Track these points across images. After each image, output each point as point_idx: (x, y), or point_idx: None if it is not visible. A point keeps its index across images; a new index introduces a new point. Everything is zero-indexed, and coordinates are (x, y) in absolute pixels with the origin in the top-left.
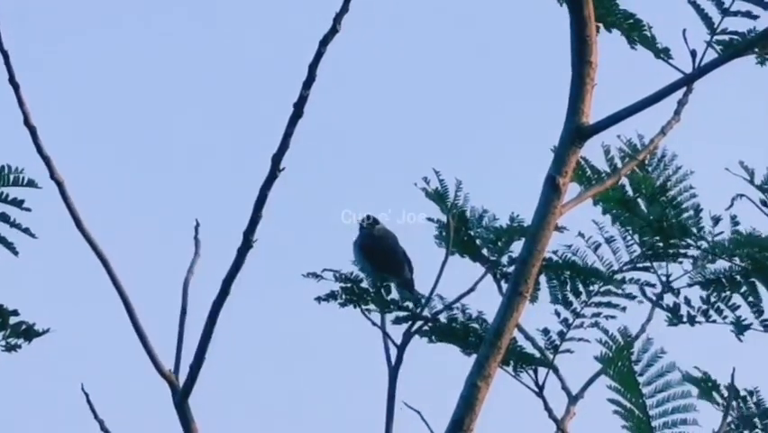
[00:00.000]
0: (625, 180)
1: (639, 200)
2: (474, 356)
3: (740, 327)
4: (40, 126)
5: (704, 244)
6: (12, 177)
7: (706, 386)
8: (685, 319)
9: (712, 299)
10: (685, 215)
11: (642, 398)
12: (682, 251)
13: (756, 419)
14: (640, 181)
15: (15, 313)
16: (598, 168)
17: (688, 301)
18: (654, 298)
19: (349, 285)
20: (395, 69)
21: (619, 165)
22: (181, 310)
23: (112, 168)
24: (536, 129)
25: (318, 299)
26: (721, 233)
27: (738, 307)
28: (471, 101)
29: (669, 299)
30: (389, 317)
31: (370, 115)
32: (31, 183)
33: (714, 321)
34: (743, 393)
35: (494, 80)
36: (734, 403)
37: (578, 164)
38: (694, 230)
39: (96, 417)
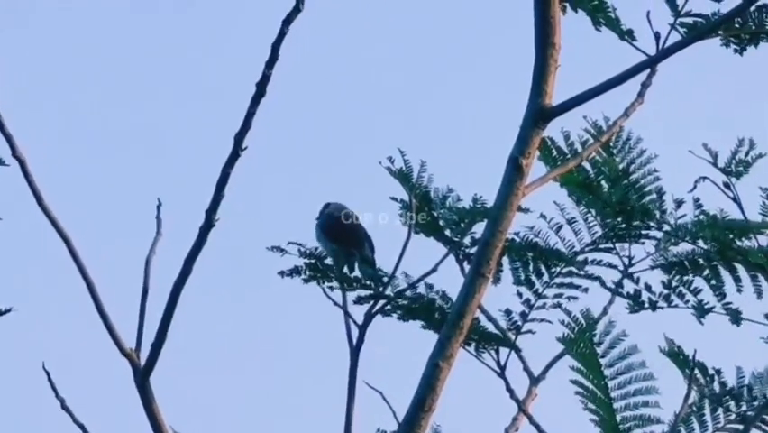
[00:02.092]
0: (587, 166)
1: (602, 183)
2: (436, 334)
3: (701, 311)
4: (1, 104)
5: (666, 227)
6: None
7: (678, 360)
8: (647, 305)
9: (674, 284)
10: (648, 198)
11: (604, 380)
12: (644, 232)
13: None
14: (603, 164)
15: None
16: (564, 149)
17: (648, 287)
18: (614, 285)
19: (313, 261)
20: (358, 48)
21: (580, 148)
22: (143, 289)
23: (74, 146)
24: (500, 110)
25: (282, 273)
26: (684, 216)
27: (700, 291)
28: (435, 82)
29: (629, 286)
30: (351, 296)
31: (333, 95)
32: None
33: (676, 306)
34: (710, 372)
35: (458, 62)
36: (698, 383)
37: (543, 145)
38: (657, 213)
39: (57, 395)
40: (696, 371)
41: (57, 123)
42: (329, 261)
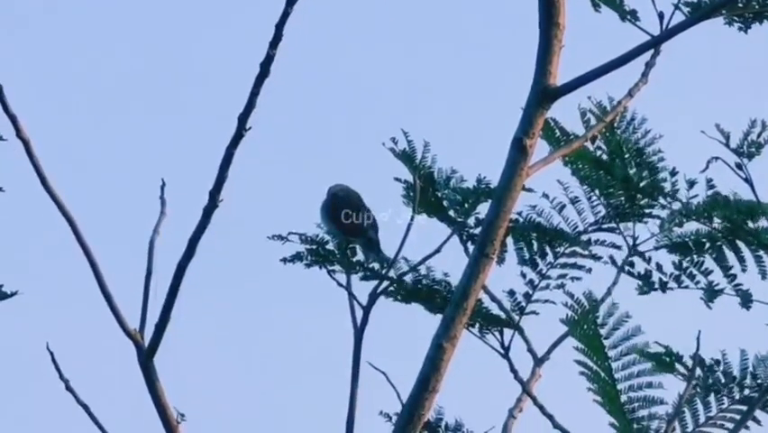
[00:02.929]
0: (600, 145)
1: (614, 162)
2: (439, 316)
3: (711, 294)
4: (6, 84)
5: (677, 205)
6: None
7: (668, 360)
8: (657, 286)
9: (684, 264)
10: (660, 175)
11: (607, 361)
12: (648, 210)
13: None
14: (618, 144)
15: None
16: (567, 129)
17: (659, 267)
18: (623, 263)
19: (314, 247)
20: (363, 28)
21: (591, 125)
22: (147, 270)
23: (79, 127)
24: (504, 90)
25: (284, 260)
26: (696, 196)
27: (711, 272)
28: (439, 63)
29: (639, 266)
30: (357, 275)
31: (337, 76)
32: None
33: (686, 287)
34: (709, 363)
35: (462, 42)
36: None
37: (547, 125)
38: (669, 190)
39: (61, 376)
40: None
41: (62, 103)
42: (331, 245)
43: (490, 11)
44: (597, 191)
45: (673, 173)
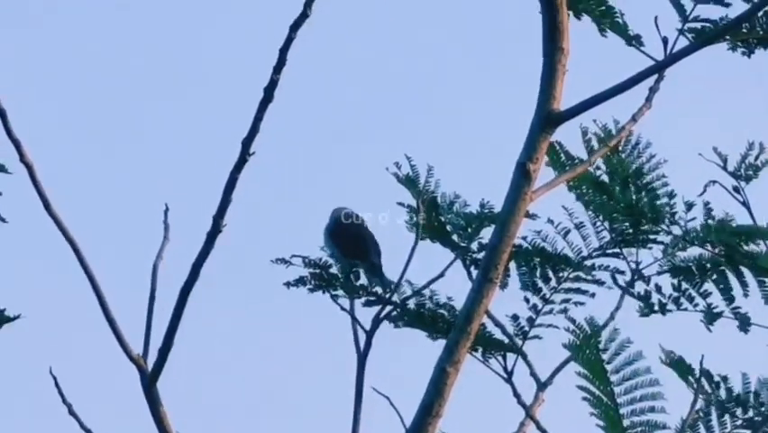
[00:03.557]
0: (600, 165)
1: (614, 185)
2: (442, 341)
3: (711, 316)
4: (9, 110)
5: (677, 230)
6: None
7: (682, 369)
8: (656, 308)
9: (683, 286)
10: (660, 201)
11: (610, 385)
12: (652, 237)
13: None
14: (617, 165)
15: None
16: (572, 153)
17: (659, 289)
18: (625, 285)
19: (318, 271)
20: (366, 54)
21: (595, 149)
22: (150, 294)
23: (81, 151)
24: (508, 115)
25: (287, 284)
26: (694, 219)
27: (710, 294)
28: (443, 87)
29: (639, 287)
30: (360, 300)
31: (340, 100)
32: (1, 169)
33: (685, 309)
34: (716, 379)
35: (466, 67)
36: (704, 389)
37: (552, 149)
38: (667, 216)
39: (64, 400)
40: (702, 378)
41: (64, 128)
42: (334, 269)
43: (495, 35)
44: (601, 216)
45: (672, 196)
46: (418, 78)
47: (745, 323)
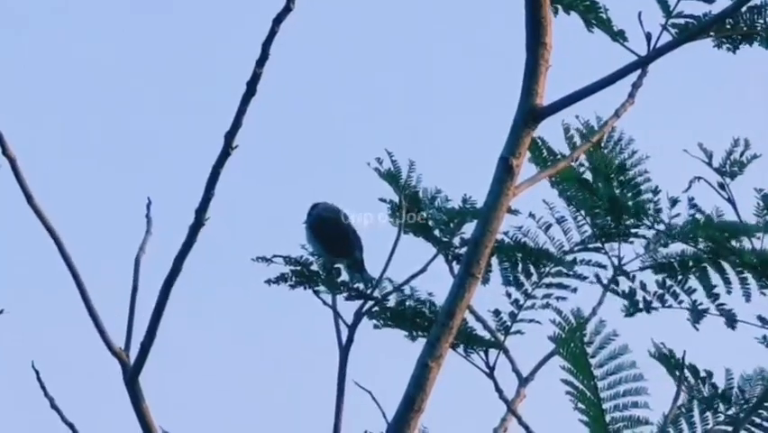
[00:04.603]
0: (583, 161)
1: (597, 180)
2: (421, 340)
3: (696, 314)
4: None
5: (661, 226)
6: None
7: (669, 363)
8: (641, 306)
9: (668, 283)
10: (643, 196)
11: (593, 380)
12: (633, 231)
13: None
14: (599, 160)
15: None
16: (555, 149)
17: (643, 286)
18: (607, 283)
19: (299, 268)
20: (348, 48)
21: (577, 144)
22: (132, 288)
23: (64, 144)
24: (490, 110)
25: (268, 281)
26: (678, 215)
27: (694, 291)
28: (425, 82)
29: (624, 285)
30: (342, 295)
31: (322, 95)
32: None
33: (670, 306)
34: (702, 374)
35: (448, 62)
36: (688, 384)
37: (534, 145)
38: (651, 211)
39: (46, 394)
40: (686, 372)
41: (47, 121)
42: (315, 266)
43: (477, 30)
44: (583, 211)
45: (656, 192)
46: (401, 72)
47: (730, 319)
